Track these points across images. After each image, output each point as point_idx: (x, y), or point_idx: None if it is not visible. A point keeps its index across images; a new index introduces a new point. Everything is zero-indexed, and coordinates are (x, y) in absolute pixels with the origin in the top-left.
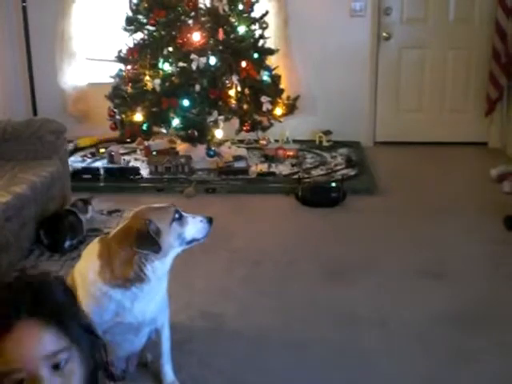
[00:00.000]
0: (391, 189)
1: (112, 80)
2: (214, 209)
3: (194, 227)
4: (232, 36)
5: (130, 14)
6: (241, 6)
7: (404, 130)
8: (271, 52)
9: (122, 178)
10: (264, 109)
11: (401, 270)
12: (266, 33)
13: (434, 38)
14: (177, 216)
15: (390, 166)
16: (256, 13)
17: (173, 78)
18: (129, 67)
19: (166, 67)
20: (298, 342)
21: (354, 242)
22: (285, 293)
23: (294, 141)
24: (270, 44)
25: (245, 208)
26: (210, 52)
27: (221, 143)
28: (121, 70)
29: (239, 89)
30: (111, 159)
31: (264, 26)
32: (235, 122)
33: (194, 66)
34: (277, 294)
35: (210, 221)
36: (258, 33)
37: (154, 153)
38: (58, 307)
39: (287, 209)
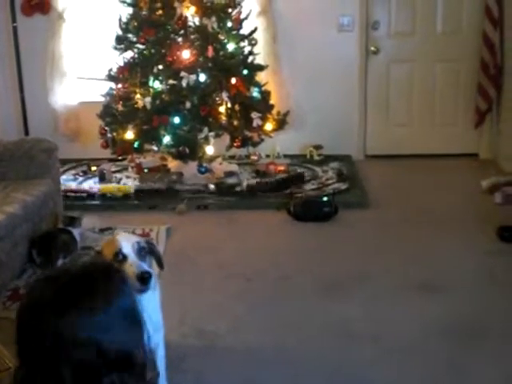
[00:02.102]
0: (383, 202)
1: (103, 98)
2: (205, 225)
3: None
4: (221, 53)
5: (120, 32)
6: (230, 24)
7: (394, 143)
8: (261, 68)
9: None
10: (254, 124)
11: (395, 284)
12: (255, 49)
13: (422, 51)
14: (119, 256)
15: (381, 179)
16: (245, 29)
17: (163, 96)
18: (119, 85)
19: (157, 85)
20: (293, 359)
21: (348, 257)
22: (278, 309)
23: (285, 156)
24: (259, 60)
25: (237, 224)
26: (199, 69)
27: (212, 159)
28: (111, 89)
29: (229, 105)
30: (103, 177)
31: (253, 42)
32: (226, 138)
33: (184, 84)
34: (270, 311)
35: (141, 277)
36: (247, 49)
37: (146, 170)
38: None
39: (279, 224)
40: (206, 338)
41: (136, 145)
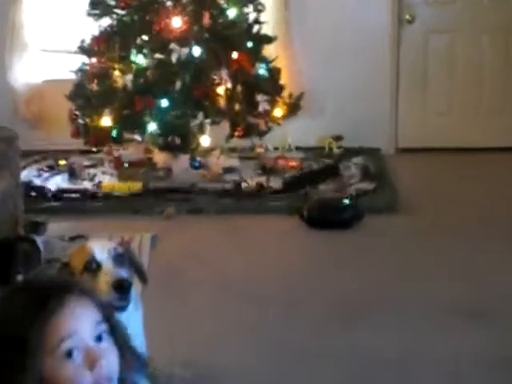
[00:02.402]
0: (417, 206)
1: (73, 76)
2: (199, 233)
3: (100, 286)
4: (220, 21)
5: None
6: None
7: (432, 134)
8: (268, 40)
9: None
10: (260, 109)
11: (430, 308)
12: (262, 17)
13: (466, 20)
14: (92, 265)
15: (415, 178)
16: None
17: (148, 73)
18: (94, 60)
19: (140, 60)
20: None
21: (373, 274)
22: (286, 339)
23: (298, 148)
24: (266, 30)
25: (238, 232)
26: (193, 41)
27: (208, 152)
28: (84, 64)
29: (230, 85)
30: (73, 173)
31: (259, 8)
32: (225, 126)
33: (173, 59)
34: (276, 341)
35: (118, 286)
36: (251, 17)
37: (126, 165)
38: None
39: (290, 232)
40: (198, 372)
41: (114, 133)
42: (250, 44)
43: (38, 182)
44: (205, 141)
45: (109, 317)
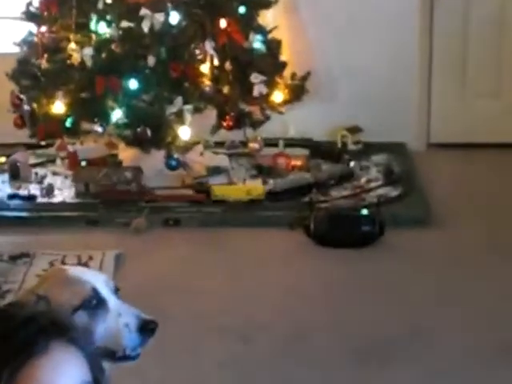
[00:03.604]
0: (454, 218)
1: (17, 49)
2: (177, 251)
3: (114, 330)
4: None
5: None
6: None
7: (474, 126)
8: (266, 4)
9: None
10: (255, 93)
11: (469, 347)
12: None
13: None
14: (92, 302)
15: (452, 182)
16: None
17: (112, 47)
18: (43, 29)
19: (102, 29)
20: None
21: (396, 303)
22: None
23: (303, 143)
24: None
25: (227, 249)
26: (170, 5)
27: (188, 148)
28: (31, 34)
29: (216, 62)
30: (15, 173)
31: None
32: (211, 114)
33: (145, 28)
34: None
35: (145, 329)
36: None
37: (84, 163)
38: (78, 331)
39: (292, 251)
40: None
41: (68, 123)
42: (242, 9)
43: None
44: (184, 133)
45: (98, 377)
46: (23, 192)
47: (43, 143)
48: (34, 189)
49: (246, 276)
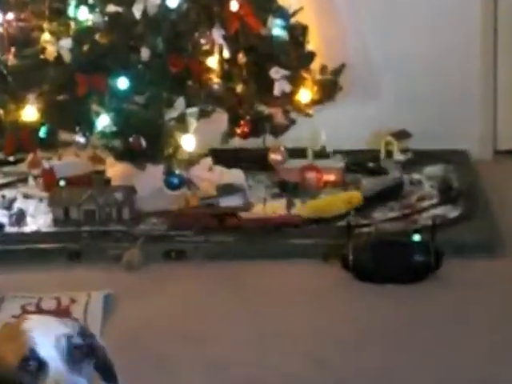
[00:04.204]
0: None
1: None
2: (181, 290)
3: None
4: None
5: None
6: None
7: None
8: None
9: None
10: (276, 92)
11: None
12: None
13: None
14: (29, 363)
15: None
16: None
17: (96, 37)
18: (10, 17)
19: (83, 15)
20: None
21: (457, 351)
22: None
23: (337, 152)
24: None
25: (243, 289)
26: None
27: (193, 162)
28: None
29: (227, 54)
30: None
31: None
32: (221, 119)
33: (137, 13)
34: None
35: None
36: None
37: (63, 183)
38: None
39: (326, 288)
40: None
41: (43, 132)
42: None
43: None
44: (188, 143)
45: None
46: None
47: (12, 159)
48: (0, 216)
49: (268, 319)
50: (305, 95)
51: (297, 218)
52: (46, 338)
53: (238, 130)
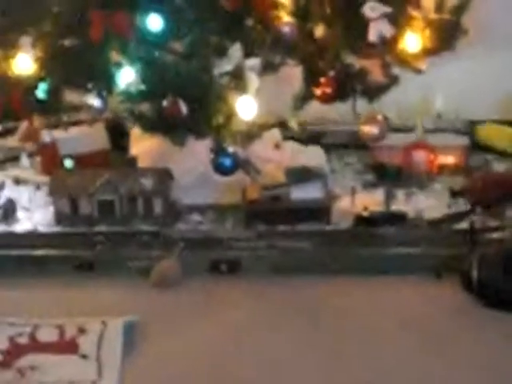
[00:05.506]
0: None
1: None
2: (233, 316)
3: None
4: None
5: None
6: None
7: None
8: None
9: None
10: (372, 37)
11: None
12: None
13: None
14: None
15: None
16: None
17: None
18: None
19: None
20: None
21: None
22: None
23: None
24: None
25: (321, 318)
26: None
27: (253, 135)
28: None
29: None
30: None
31: None
32: (293, 74)
33: None
34: None
35: None
36: None
37: (69, 163)
38: None
39: (440, 318)
40: None
41: (42, 91)
42: None
43: None
44: (247, 109)
45: None
46: None
47: None
48: None
49: (357, 361)
50: (413, 42)
51: None
52: None
53: (318, 91)
